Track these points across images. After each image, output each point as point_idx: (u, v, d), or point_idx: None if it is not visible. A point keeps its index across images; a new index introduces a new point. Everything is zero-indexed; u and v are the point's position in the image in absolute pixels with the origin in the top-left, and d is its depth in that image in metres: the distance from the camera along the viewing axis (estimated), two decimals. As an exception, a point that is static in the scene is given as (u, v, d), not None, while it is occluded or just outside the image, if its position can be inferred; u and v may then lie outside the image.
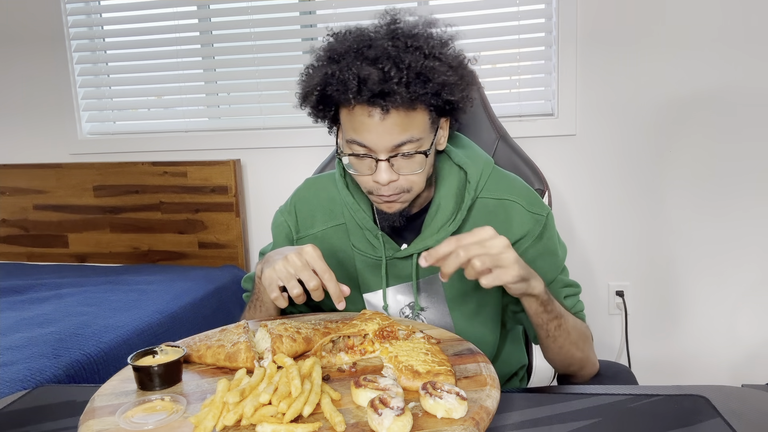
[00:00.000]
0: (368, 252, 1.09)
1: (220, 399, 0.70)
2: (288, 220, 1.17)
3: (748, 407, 0.83)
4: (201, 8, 2.30)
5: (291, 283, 0.94)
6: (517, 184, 1.12)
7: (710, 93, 1.98)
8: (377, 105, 0.93)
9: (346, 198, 1.11)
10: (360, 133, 0.96)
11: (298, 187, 1.22)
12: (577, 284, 1.12)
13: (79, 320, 1.67)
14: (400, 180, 0.99)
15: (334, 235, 1.13)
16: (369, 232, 1.09)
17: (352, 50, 0.96)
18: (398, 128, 0.95)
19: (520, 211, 1.07)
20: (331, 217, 1.14)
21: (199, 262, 2.36)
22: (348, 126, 0.99)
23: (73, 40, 2.41)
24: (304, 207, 1.17)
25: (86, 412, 0.74)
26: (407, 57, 0.93)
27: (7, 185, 2.49)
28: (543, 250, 1.08)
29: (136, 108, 2.47)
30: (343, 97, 0.94)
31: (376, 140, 0.96)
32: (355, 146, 0.98)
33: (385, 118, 0.94)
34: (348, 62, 0.95)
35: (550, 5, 2.06)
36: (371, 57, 0.94)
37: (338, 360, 0.86)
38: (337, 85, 0.94)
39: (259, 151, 2.30)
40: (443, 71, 0.95)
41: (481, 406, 0.70)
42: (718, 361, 2.09)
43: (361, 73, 0.92)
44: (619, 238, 2.10)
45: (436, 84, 0.94)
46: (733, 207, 2.02)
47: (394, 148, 0.96)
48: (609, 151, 2.07)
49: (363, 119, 0.95)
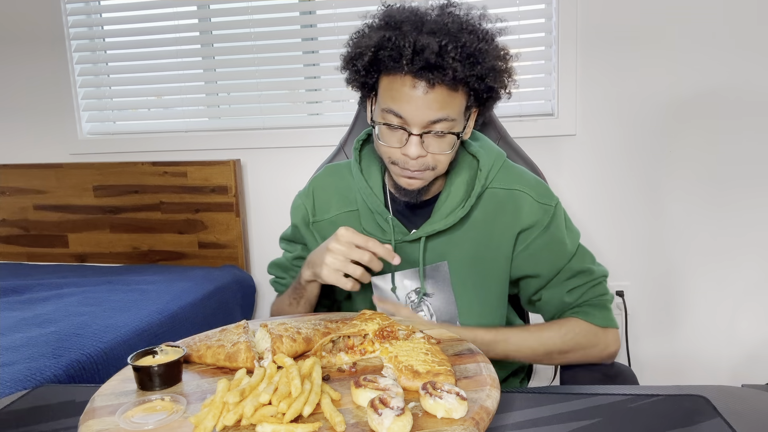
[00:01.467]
0: (377, 236, 1.11)
1: (220, 399, 0.70)
2: (306, 203, 1.21)
3: (748, 407, 0.83)
4: (201, 8, 2.30)
5: (350, 268, 0.98)
6: (527, 175, 1.14)
7: (711, 93, 1.98)
8: (424, 78, 0.95)
9: (359, 182, 1.13)
10: (399, 103, 0.97)
11: (318, 172, 1.27)
12: (593, 270, 1.12)
13: (79, 320, 1.67)
14: (427, 157, 1.00)
15: (346, 220, 1.15)
16: (379, 215, 1.11)
17: (410, 21, 0.98)
18: (437, 104, 0.97)
19: (530, 201, 1.09)
20: (346, 204, 1.17)
21: (199, 262, 2.36)
22: (387, 95, 1.00)
23: (73, 40, 2.41)
24: (322, 192, 1.20)
25: (86, 412, 0.74)
26: (464, 36, 0.96)
27: (7, 185, 2.49)
28: (550, 239, 1.10)
29: (136, 108, 2.47)
30: (394, 64, 0.96)
31: (414, 113, 0.97)
32: (390, 116, 0.99)
33: (428, 92, 0.96)
34: (406, 30, 0.96)
35: (550, 5, 2.06)
36: (429, 30, 0.96)
37: (338, 360, 0.86)
38: (392, 51, 0.96)
39: (259, 151, 2.30)
40: (493, 57, 0.98)
41: (481, 406, 0.70)
42: (718, 361, 2.09)
43: (418, 42, 0.94)
44: (619, 238, 2.10)
45: (485, 68, 0.97)
46: (734, 207, 2.02)
47: (429, 124, 0.98)
48: (609, 151, 2.07)
49: (406, 90, 0.97)
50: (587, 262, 1.13)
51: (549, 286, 1.13)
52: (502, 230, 1.09)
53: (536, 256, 1.10)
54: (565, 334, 1.08)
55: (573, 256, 1.11)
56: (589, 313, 1.10)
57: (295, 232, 1.24)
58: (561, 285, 1.12)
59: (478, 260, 1.10)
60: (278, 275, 1.28)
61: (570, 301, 1.12)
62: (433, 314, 1.12)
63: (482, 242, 1.10)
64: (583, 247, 1.14)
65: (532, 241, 1.09)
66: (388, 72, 0.99)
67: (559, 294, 1.12)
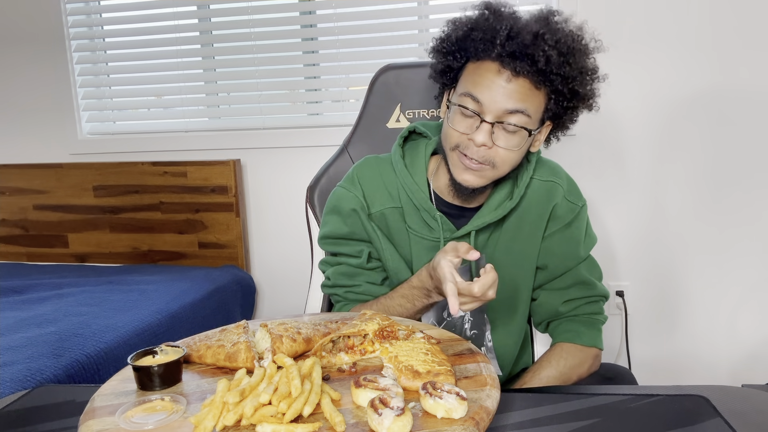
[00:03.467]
0: (424, 233, 1.10)
1: (220, 399, 0.70)
2: (356, 192, 1.12)
3: (748, 407, 0.83)
4: (201, 8, 2.30)
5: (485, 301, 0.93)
6: (561, 170, 1.15)
7: (711, 93, 1.98)
8: (511, 67, 0.95)
9: (405, 179, 1.10)
10: (480, 88, 0.97)
11: (359, 163, 1.18)
12: (595, 286, 1.12)
13: (79, 320, 1.67)
14: (491, 150, 0.99)
15: (390, 216, 1.12)
16: (427, 212, 1.09)
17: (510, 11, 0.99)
18: (518, 96, 0.96)
19: (561, 195, 1.11)
20: (389, 199, 1.13)
21: (199, 262, 2.36)
22: (469, 80, 1.00)
23: (73, 40, 2.41)
24: (368, 183, 1.14)
25: (86, 412, 0.74)
26: (559, 34, 0.96)
27: (7, 185, 2.49)
28: (569, 237, 1.11)
29: (136, 108, 2.47)
30: (485, 47, 0.96)
31: (493, 98, 0.96)
32: (468, 100, 0.98)
33: (511, 81, 0.96)
34: (504, 15, 0.98)
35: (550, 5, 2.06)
36: (525, 20, 0.97)
37: (338, 360, 0.86)
38: (486, 32, 0.96)
39: (259, 151, 2.30)
40: (584, 63, 0.99)
41: (481, 406, 0.70)
42: (718, 361, 2.09)
43: (515, 26, 0.95)
44: (619, 238, 2.10)
45: (573, 69, 0.97)
46: (733, 207, 2.02)
47: (504, 113, 0.97)
48: (609, 151, 2.07)
49: (490, 75, 0.97)
50: (594, 276, 1.13)
51: (549, 288, 1.13)
52: (534, 220, 1.10)
53: (550, 249, 1.11)
54: (571, 357, 1.09)
55: (582, 262, 1.12)
56: (577, 332, 1.10)
57: (353, 227, 1.13)
58: (561, 291, 1.12)
59: (510, 252, 1.10)
60: (347, 284, 1.15)
61: (564, 311, 1.12)
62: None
63: (515, 234, 1.10)
64: (593, 258, 1.14)
65: (552, 234, 1.10)
66: (476, 58, 0.99)
67: (556, 301, 1.12)
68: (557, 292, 1.12)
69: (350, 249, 1.14)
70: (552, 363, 1.08)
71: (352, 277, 1.15)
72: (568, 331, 1.11)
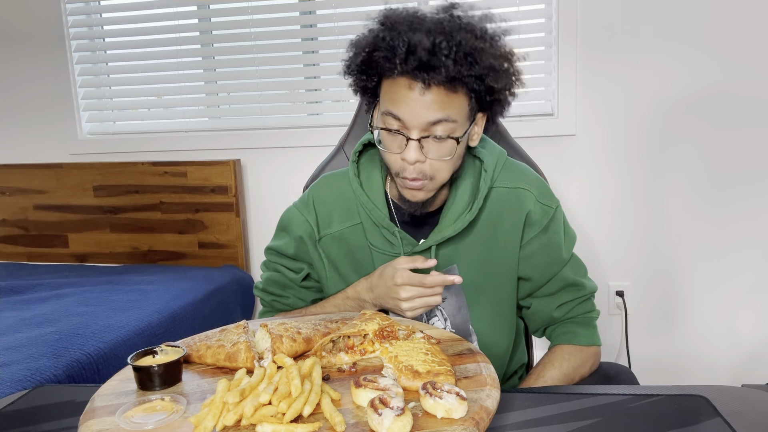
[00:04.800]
0: (386, 249, 1.10)
1: (220, 399, 0.70)
2: (308, 217, 1.14)
3: (748, 407, 0.83)
4: (201, 8, 2.30)
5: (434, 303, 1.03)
6: (529, 173, 1.13)
7: (711, 93, 1.98)
8: (420, 78, 0.93)
9: (361, 197, 1.10)
10: (397, 105, 0.96)
11: (315, 183, 1.19)
12: (584, 285, 1.12)
13: (79, 320, 1.67)
14: (426, 164, 0.98)
15: (350, 234, 1.12)
16: (386, 230, 1.08)
17: (407, 21, 0.97)
18: (436, 105, 0.94)
19: (532, 200, 1.09)
20: (348, 217, 1.12)
21: (199, 262, 2.36)
22: (387, 98, 0.98)
23: (73, 40, 2.41)
24: (322, 205, 1.14)
25: (86, 412, 0.74)
26: (459, 35, 0.93)
27: (7, 185, 2.49)
28: (547, 243, 1.09)
29: (136, 108, 2.47)
30: (389, 65, 0.94)
31: (412, 114, 0.95)
32: (389, 119, 0.98)
33: (425, 93, 0.94)
34: (400, 30, 0.95)
35: (550, 5, 2.06)
36: (424, 29, 0.94)
37: (338, 360, 0.86)
38: (386, 51, 0.94)
39: (259, 151, 2.30)
40: (492, 56, 0.95)
41: (481, 406, 0.70)
42: (718, 361, 2.09)
43: (411, 41, 0.92)
44: (619, 238, 2.10)
45: (482, 67, 0.94)
46: (733, 207, 2.02)
47: (428, 125, 0.95)
48: (609, 151, 2.07)
49: (403, 91, 0.95)
50: (580, 275, 1.13)
51: (539, 295, 1.13)
52: (508, 230, 1.09)
53: (531, 258, 1.10)
54: (577, 354, 1.10)
55: (566, 264, 1.11)
56: (575, 333, 1.10)
57: (299, 249, 1.15)
58: (551, 297, 1.12)
59: (487, 262, 1.09)
60: (276, 293, 1.19)
61: (558, 316, 1.12)
62: (447, 318, 1.12)
63: (490, 244, 1.09)
64: (576, 256, 1.14)
65: (530, 241, 1.09)
66: (387, 75, 0.98)
67: (549, 308, 1.12)
68: (548, 298, 1.12)
69: (292, 264, 1.17)
70: (555, 365, 1.07)
71: (284, 288, 1.18)
72: (566, 333, 1.11)
